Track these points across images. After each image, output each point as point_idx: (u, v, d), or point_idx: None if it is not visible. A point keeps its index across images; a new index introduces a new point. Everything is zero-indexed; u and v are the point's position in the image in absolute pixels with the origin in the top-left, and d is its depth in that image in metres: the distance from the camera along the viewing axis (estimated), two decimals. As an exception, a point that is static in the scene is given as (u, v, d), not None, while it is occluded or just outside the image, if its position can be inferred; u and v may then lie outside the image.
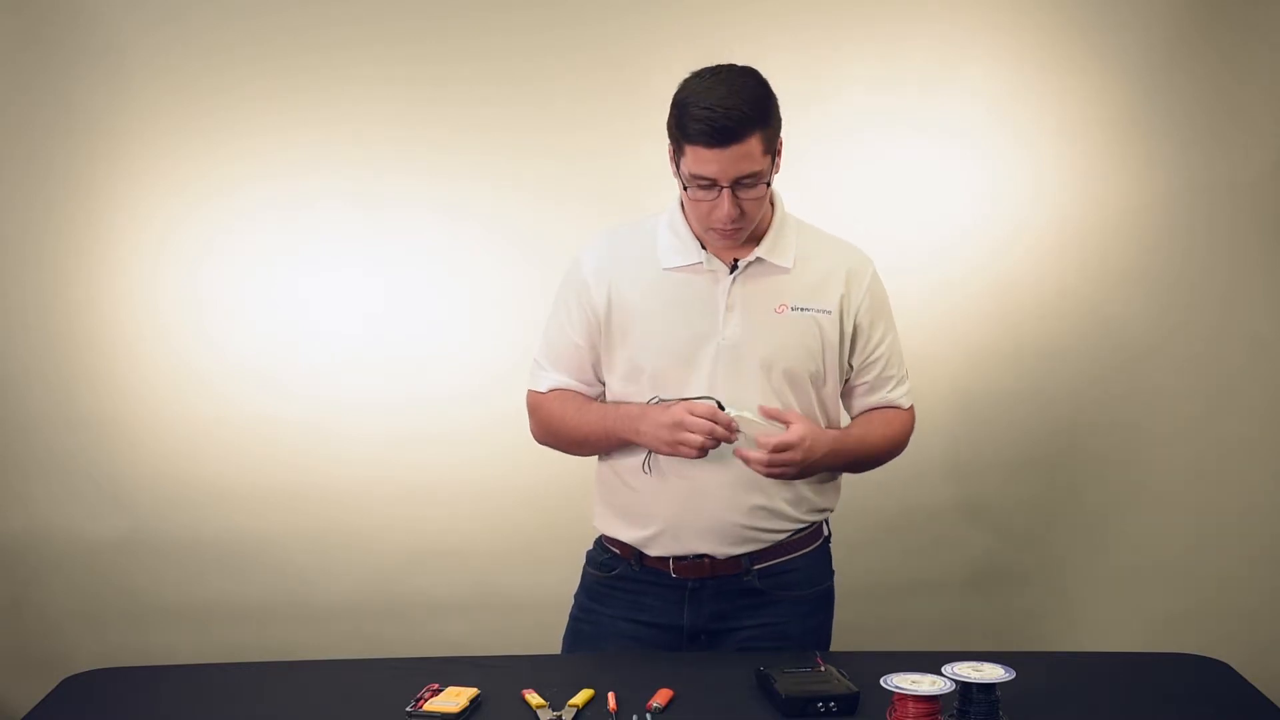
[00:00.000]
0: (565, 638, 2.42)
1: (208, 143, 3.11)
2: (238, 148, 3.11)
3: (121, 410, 3.18)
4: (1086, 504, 3.26)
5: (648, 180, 2.74)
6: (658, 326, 2.23)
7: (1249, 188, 3.14)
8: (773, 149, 2.13)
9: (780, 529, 2.27)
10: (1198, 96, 3.11)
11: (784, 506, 2.25)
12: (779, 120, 2.14)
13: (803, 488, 2.27)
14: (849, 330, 2.27)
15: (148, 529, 3.20)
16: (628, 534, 2.30)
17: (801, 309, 2.23)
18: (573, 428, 2.31)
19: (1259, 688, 2.13)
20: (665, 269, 2.23)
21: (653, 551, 2.28)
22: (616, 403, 2.28)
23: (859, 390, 2.34)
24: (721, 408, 2.15)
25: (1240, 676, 2.18)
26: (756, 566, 2.27)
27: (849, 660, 2.10)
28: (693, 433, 2.13)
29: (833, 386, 2.29)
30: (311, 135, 3.11)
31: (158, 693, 2.15)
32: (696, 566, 2.27)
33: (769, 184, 2.15)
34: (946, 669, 1.88)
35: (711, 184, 2.10)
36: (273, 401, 3.17)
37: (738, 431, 2.15)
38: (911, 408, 2.39)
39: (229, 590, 3.22)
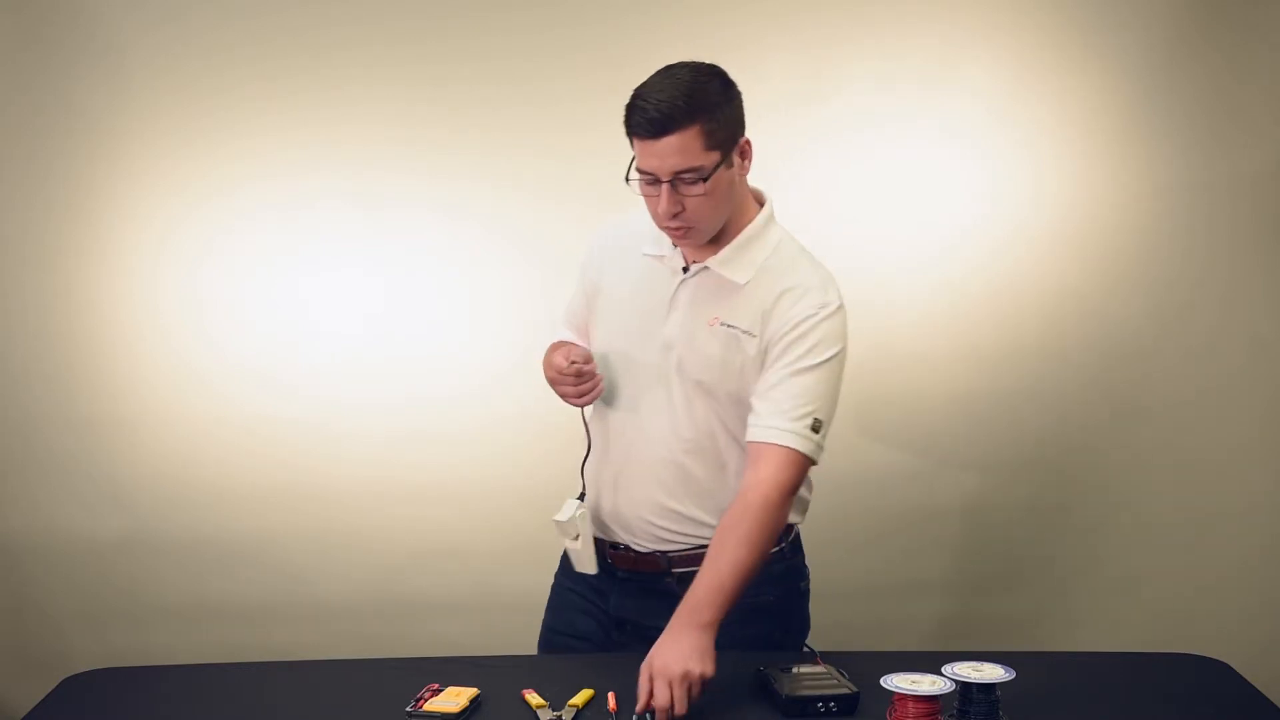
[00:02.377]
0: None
1: (208, 143, 3.11)
2: (238, 148, 3.12)
3: (121, 410, 3.18)
4: (1086, 504, 3.26)
5: (648, 180, 2.73)
6: (620, 308, 2.25)
7: (1249, 187, 3.14)
8: (721, 145, 2.03)
9: (697, 534, 2.23)
10: (1198, 96, 3.11)
11: (702, 515, 2.22)
12: (730, 117, 2.06)
13: (730, 503, 2.15)
14: (765, 355, 2.13)
15: (148, 529, 3.20)
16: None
17: (729, 326, 2.14)
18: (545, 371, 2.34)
19: (1259, 688, 2.13)
20: (643, 254, 2.23)
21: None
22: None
23: (750, 413, 2.13)
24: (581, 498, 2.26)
25: (1240, 676, 2.18)
26: (677, 570, 2.23)
27: (849, 660, 2.09)
28: (554, 379, 2.21)
29: None
30: (311, 135, 3.11)
31: (158, 693, 2.15)
32: (624, 556, 2.28)
33: (706, 180, 2.03)
34: (946, 669, 1.88)
35: (654, 179, 2.05)
36: (273, 401, 3.17)
37: (591, 382, 2.18)
38: (797, 458, 2.08)
39: (229, 590, 3.22)
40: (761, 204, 2.20)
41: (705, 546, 2.16)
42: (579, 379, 2.17)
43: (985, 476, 3.25)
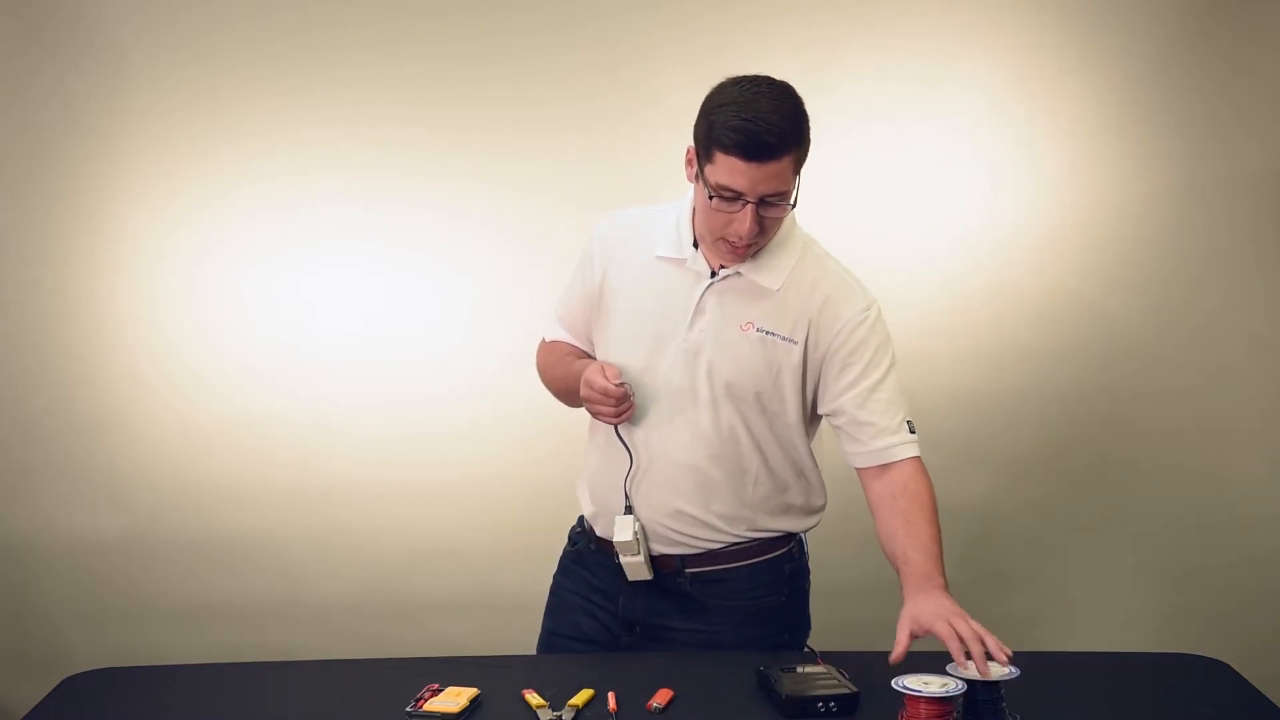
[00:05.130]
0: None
1: (207, 143, 3.12)
2: (238, 148, 3.12)
3: (121, 410, 3.18)
4: (1086, 504, 3.26)
5: (649, 180, 2.73)
6: (634, 315, 2.20)
7: (1249, 187, 3.14)
8: (800, 170, 2.04)
9: (710, 539, 2.23)
10: (1198, 96, 3.11)
11: (715, 520, 2.21)
12: (809, 141, 2.04)
13: (745, 510, 2.22)
14: (815, 368, 2.16)
15: (148, 529, 3.20)
16: (586, 506, 2.32)
17: (767, 332, 2.13)
18: (549, 378, 2.35)
19: (1259, 688, 2.13)
20: (657, 256, 2.18)
21: (597, 530, 2.28)
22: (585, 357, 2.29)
23: (842, 437, 2.19)
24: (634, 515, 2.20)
25: (1240, 676, 2.18)
26: (690, 570, 2.23)
27: (849, 660, 2.09)
28: (591, 398, 2.14)
29: (794, 420, 2.19)
30: (311, 135, 3.12)
31: (158, 693, 2.14)
32: None
33: (794, 205, 2.05)
34: (950, 667, 1.89)
35: (737, 197, 2.00)
36: (272, 401, 3.17)
37: (629, 403, 2.13)
38: (917, 460, 2.19)
39: (229, 590, 3.22)
40: None
41: (717, 548, 2.22)
42: (620, 401, 2.12)
43: (984, 476, 3.25)
